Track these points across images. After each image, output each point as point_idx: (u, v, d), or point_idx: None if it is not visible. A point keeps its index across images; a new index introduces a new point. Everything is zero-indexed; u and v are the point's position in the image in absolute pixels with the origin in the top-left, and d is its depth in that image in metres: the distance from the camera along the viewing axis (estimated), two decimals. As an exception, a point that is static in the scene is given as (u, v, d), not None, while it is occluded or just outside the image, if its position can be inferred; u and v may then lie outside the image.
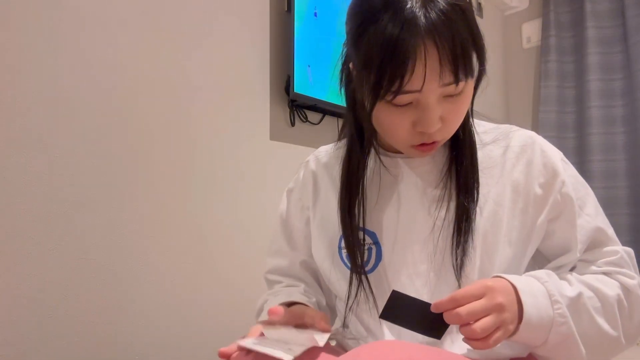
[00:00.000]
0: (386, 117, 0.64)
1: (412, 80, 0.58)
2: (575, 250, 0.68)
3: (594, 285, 0.64)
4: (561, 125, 2.57)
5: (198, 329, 1.36)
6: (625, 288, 0.65)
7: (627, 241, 2.27)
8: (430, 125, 0.62)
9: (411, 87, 0.58)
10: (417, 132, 0.64)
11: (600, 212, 0.71)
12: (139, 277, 1.24)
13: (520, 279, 0.61)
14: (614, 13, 2.47)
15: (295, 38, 1.61)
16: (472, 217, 0.67)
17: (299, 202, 0.85)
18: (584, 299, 0.62)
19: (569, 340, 0.60)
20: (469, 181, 0.69)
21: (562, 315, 0.59)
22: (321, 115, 1.80)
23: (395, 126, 0.65)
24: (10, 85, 1.05)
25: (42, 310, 1.07)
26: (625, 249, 0.70)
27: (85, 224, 1.15)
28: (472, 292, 0.56)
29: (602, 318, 0.62)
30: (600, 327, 0.62)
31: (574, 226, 0.68)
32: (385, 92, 0.59)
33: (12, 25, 1.06)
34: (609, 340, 0.63)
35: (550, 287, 0.61)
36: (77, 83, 1.16)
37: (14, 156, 1.05)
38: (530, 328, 0.58)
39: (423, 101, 0.61)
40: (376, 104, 0.62)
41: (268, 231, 1.55)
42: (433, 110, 0.61)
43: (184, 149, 1.37)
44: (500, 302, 0.56)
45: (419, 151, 0.67)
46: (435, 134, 0.64)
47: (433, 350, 0.55)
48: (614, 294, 0.64)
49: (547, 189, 0.69)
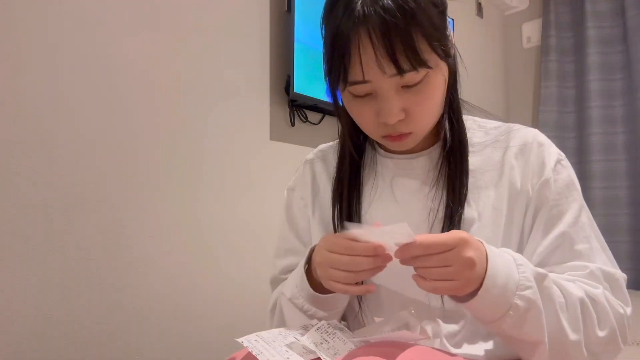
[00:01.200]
0: (351, 108, 0.67)
1: (352, 70, 0.60)
2: (532, 254, 0.66)
3: (559, 282, 0.61)
4: (561, 125, 2.57)
5: (199, 329, 1.36)
6: (590, 296, 0.61)
7: (627, 241, 2.26)
8: (388, 116, 0.62)
9: (354, 77, 0.61)
10: (382, 124, 0.64)
11: (580, 224, 0.66)
12: (139, 277, 1.24)
13: (490, 246, 0.58)
14: (614, 13, 2.47)
15: (295, 38, 1.61)
16: (460, 221, 0.66)
17: (301, 200, 0.84)
18: (549, 284, 0.58)
19: (533, 309, 0.55)
20: (455, 183, 0.68)
21: (527, 279, 0.56)
22: (321, 115, 1.80)
23: (360, 117, 0.67)
24: (10, 85, 1.05)
25: (42, 310, 1.07)
26: (602, 269, 0.64)
27: (85, 224, 1.15)
28: (444, 240, 0.53)
29: (564, 314, 0.58)
30: (560, 322, 0.58)
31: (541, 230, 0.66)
32: (336, 82, 0.63)
33: (12, 25, 1.06)
34: (568, 344, 0.58)
35: (516, 256, 0.58)
36: (77, 82, 1.16)
37: (14, 156, 1.05)
38: (494, 289, 0.54)
39: (379, 92, 0.62)
40: (332, 94, 0.66)
41: (268, 231, 1.55)
42: (390, 101, 0.62)
43: (183, 149, 1.37)
44: (471, 256, 0.53)
45: (392, 142, 0.67)
46: (400, 125, 0.64)
47: (429, 352, 0.55)
48: (579, 295, 0.60)
49: (533, 188, 0.68)
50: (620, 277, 0.66)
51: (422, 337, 0.59)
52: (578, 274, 0.64)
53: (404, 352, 0.52)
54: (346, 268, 0.58)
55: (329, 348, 0.59)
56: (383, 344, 0.56)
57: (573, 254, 0.65)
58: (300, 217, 0.84)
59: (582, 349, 0.59)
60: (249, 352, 0.58)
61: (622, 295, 0.65)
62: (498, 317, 0.56)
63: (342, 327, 0.65)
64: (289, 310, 0.72)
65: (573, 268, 0.64)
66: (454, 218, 0.66)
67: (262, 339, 0.59)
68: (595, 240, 0.68)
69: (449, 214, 0.67)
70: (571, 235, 0.65)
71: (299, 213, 0.84)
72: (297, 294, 0.70)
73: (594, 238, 0.67)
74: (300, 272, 0.70)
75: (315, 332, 0.62)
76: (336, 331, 0.63)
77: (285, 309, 0.73)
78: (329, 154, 0.84)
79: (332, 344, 0.60)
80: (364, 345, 0.58)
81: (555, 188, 0.67)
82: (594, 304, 0.61)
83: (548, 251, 0.65)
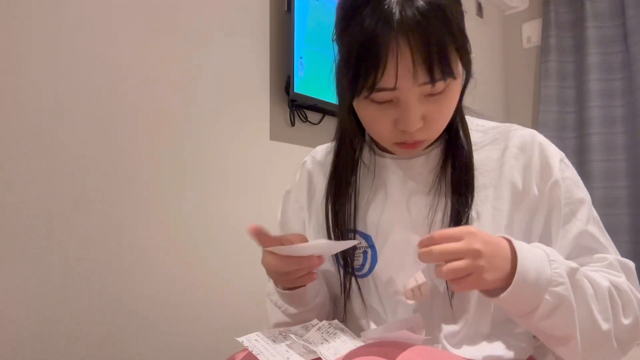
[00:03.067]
0: (367, 114, 0.64)
1: (385, 78, 0.57)
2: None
3: (587, 273, 0.62)
4: (561, 125, 2.57)
5: (199, 329, 1.36)
6: (614, 284, 0.62)
7: (627, 241, 2.27)
8: (410, 124, 0.61)
9: (385, 85, 0.58)
10: (399, 131, 0.63)
11: (593, 219, 0.68)
12: (139, 277, 1.24)
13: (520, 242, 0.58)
14: (614, 13, 2.47)
15: (295, 38, 1.61)
16: (463, 220, 0.66)
17: (296, 203, 0.84)
18: (580, 277, 0.59)
19: (564, 305, 0.56)
20: (461, 184, 0.68)
21: (560, 275, 0.56)
22: (321, 115, 1.80)
23: (376, 123, 0.65)
24: (10, 85, 1.05)
25: (42, 310, 1.07)
26: (618, 259, 0.66)
27: (85, 224, 1.15)
28: (452, 233, 0.54)
29: (595, 306, 0.59)
30: (593, 314, 0.58)
31: (559, 230, 0.67)
32: (361, 88, 0.59)
33: (13, 25, 1.06)
34: (600, 335, 0.59)
35: (549, 251, 0.59)
36: (77, 83, 1.16)
37: (14, 156, 1.05)
38: (524, 284, 0.54)
39: (402, 99, 0.60)
40: (354, 100, 0.62)
41: (269, 230, 1.54)
42: (413, 109, 0.60)
43: (184, 149, 1.37)
44: (478, 248, 0.53)
45: (404, 149, 0.67)
46: (417, 133, 0.63)
47: (429, 352, 0.55)
48: (606, 285, 0.61)
49: (541, 190, 0.68)
50: (632, 265, 0.68)
51: (422, 337, 0.59)
52: (599, 265, 0.65)
53: (404, 352, 0.52)
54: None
55: (329, 348, 0.59)
56: (383, 344, 0.56)
57: (592, 250, 0.67)
58: (294, 221, 0.84)
59: (612, 340, 0.60)
60: (249, 351, 0.58)
61: (635, 283, 0.67)
62: (528, 312, 0.56)
63: (342, 327, 0.65)
64: (269, 306, 0.76)
65: (594, 261, 0.66)
66: (461, 218, 0.66)
67: (263, 338, 0.59)
68: (605, 233, 0.70)
69: (454, 214, 0.67)
70: (588, 232, 0.67)
71: (293, 215, 0.84)
72: (272, 290, 0.74)
73: (604, 231, 0.70)
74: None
75: (316, 332, 0.62)
76: (337, 331, 0.63)
77: (267, 305, 0.77)
78: (326, 156, 0.83)
79: (333, 344, 0.60)
80: (364, 345, 0.58)
81: (565, 187, 0.68)
82: (619, 293, 0.62)
83: (570, 250, 0.66)
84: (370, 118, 0.65)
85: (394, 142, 0.66)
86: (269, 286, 0.76)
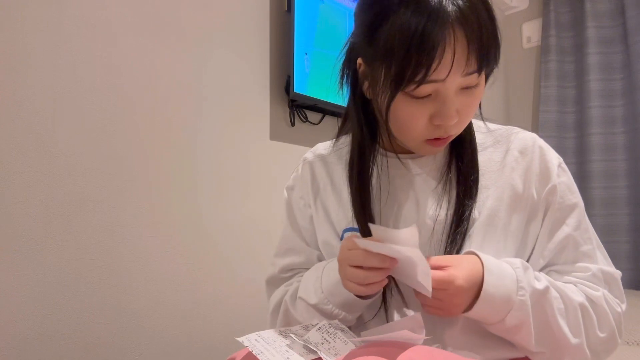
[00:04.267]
0: (403, 110, 0.63)
1: (439, 69, 0.58)
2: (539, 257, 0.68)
3: (560, 288, 0.64)
4: (561, 125, 2.57)
5: (199, 329, 1.36)
6: (590, 299, 0.65)
7: (627, 241, 2.27)
8: (449, 117, 0.62)
9: (436, 76, 0.58)
10: (434, 126, 0.64)
11: (583, 226, 0.70)
12: (139, 277, 1.24)
13: (491, 260, 0.62)
14: (614, 13, 2.47)
15: (295, 38, 1.61)
16: (469, 218, 0.67)
17: (301, 200, 0.84)
18: (549, 297, 0.62)
19: (524, 327, 0.61)
20: (467, 182, 0.69)
21: (523, 302, 0.60)
22: (321, 115, 1.80)
23: (413, 119, 0.64)
24: (10, 85, 1.05)
25: (42, 310, 1.07)
26: (602, 269, 0.68)
27: (85, 224, 1.15)
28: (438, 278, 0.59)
29: (564, 320, 0.62)
30: (561, 329, 0.62)
31: (547, 233, 0.68)
32: (408, 83, 0.59)
33: (12, 25, 1.06)
34: (568, 346, 0.62)
35: (520, 273, 0.62)
36: (77, 83, 1.16)
37: (14, 156, 1.05)
38: (486, 306, 0.60)
39: (443, 92, 0.61)
40: (396, 96, 0.61)
41: (269, 230, 1.55)
42: (452, 102, 0.61)
43: (184, 149, 1.37)
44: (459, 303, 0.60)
45: (431, 147, 0.67)
46: (452, 127, 0.64)
47: (429, 352, 0.55)
48: (579, 300, 0.64)
49: (540, 194, 0.69)
50: (617, 274, 0.70)
51: (422, 337, 0.59)
52: (581, 275, 0.67)
53: (404, 352, 0.52)
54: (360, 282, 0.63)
55: (329, 348, 0.59)
56: (383, 343, 0.56)
57: (577, 256, 0.68)
58: (300, 217, 0.84)
59: (584, 350, 0.63)
60: (249, 351, 0.58)
61: (619, 293, 0.69)
62: (489, 325, 0.63)
63: (343, 327, 0.65)
64: (311, 317, 0.72)
65: (577, 269, 0.68)
66: (465, 214, 0.67)
67: (263, 338, 0.59)
68: (594, 240, 0.71)
69: (459, 211, 0.68)
70: (575, 238, 0.68)
71: (299, 212, 0.84)
72: (324, 300, 0.70)
73: (593, 238, 0.71)
74: (333, 279, 0.69)
75: (316, 332, 0.62)
76: (337, 331, 0.63)
77: (305, 314, 0.73)
78: (328, 154, 0.84)
79: (333, 344, 0.60)
80: (364, 345, 0.58)
81: (559, 192, 0.69)
82: (594, 307, 0.65)
83: (554, 254, 0.68)
84: (406, 114, 0.64)
85: (427, 138, 0.66)
86: (316, 296, 0.71)
